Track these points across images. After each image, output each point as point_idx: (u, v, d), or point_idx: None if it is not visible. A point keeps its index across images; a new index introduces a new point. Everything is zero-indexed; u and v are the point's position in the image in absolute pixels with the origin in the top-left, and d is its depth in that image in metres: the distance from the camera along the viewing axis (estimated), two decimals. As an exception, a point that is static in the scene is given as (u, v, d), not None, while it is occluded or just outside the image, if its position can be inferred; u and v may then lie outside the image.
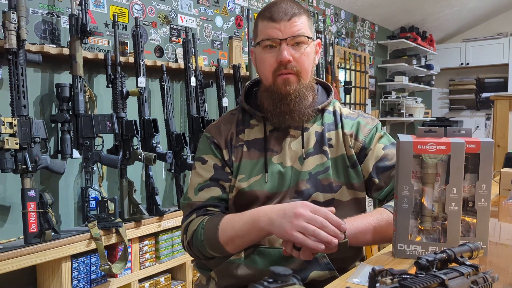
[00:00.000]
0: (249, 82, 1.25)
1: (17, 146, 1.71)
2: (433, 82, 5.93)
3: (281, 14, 1.06)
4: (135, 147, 2.16)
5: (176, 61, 2.71)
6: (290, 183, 1.11)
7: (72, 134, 1.97)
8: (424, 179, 0.89)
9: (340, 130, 1.16)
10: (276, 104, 1.09)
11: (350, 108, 1.68)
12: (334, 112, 1.19)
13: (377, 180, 1.13)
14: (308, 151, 1.13)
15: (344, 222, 0.92)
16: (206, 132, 1.20)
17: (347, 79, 4.50)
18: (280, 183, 1.11)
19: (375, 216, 1.02)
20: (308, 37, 1.09)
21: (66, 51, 1.99)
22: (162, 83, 2.42)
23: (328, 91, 1.24)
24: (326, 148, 1.14)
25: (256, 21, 1.13)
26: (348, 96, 4.45)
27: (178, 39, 2.73)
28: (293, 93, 1.09)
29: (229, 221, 1.04)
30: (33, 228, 1.74)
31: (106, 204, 1.99)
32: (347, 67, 4.51)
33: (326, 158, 1.13)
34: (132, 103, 2.27)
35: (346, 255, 1.11)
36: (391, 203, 1.06)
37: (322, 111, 1.18)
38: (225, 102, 2.77)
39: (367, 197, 1.19)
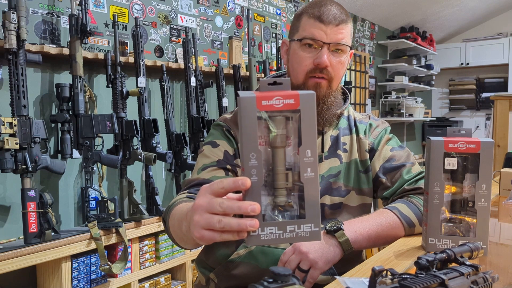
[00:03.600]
0: (264, 78, 1.24)
1: (17, 146, 1.71)
2: (433, 82, 5.92)
3: (330, 18, 1.04)
4: (135, 147, 2.16)
5: (176, 61, 2.71)
6: None
7: (72, 134, 1.97)
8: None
9: (354, 135, 1.18)
10: None
11: (355, 110, 1.69)
12: (348, 117, 1.21)
13: (384, 179, 1.14)
14: (323, 155, 1.14)
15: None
16: (219, 121, 1.16)
17: (347, 79, 4.50)
18: None
19: (378, 220, 1.02)
20: (350, 47, 1.09)
21: (66, 51, 1.99)
22: (162, 83, 2.42)
23: (344, 96, 1.24)
24: (340, 152, 1.15)
25: (300, 15, 1.09)
26: (348, 96, 4.45)
27: (178, 39, 2.72)
28: (322, 98, 1.08)
29: (178, 208, 0.87)
30: (33, 228, 1.74)
31: (106, 204, 2.00)
32: (347, 67, 4.51)
33: (339, 162, 1.14)
34: (132, 103, 2.27)
35: (347, 258, 1.11)
36: (395, 204, 1.08)
37: (339, 116, 1.19)
38: (225, 102, 2.77)
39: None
